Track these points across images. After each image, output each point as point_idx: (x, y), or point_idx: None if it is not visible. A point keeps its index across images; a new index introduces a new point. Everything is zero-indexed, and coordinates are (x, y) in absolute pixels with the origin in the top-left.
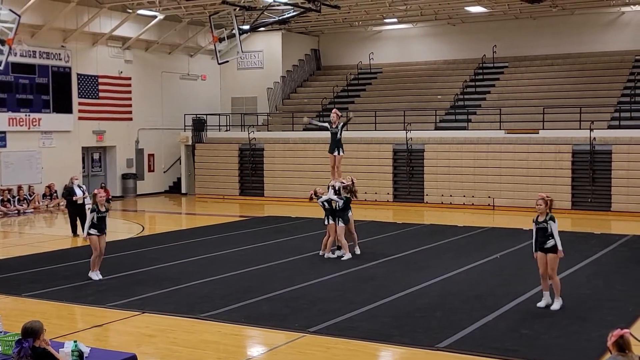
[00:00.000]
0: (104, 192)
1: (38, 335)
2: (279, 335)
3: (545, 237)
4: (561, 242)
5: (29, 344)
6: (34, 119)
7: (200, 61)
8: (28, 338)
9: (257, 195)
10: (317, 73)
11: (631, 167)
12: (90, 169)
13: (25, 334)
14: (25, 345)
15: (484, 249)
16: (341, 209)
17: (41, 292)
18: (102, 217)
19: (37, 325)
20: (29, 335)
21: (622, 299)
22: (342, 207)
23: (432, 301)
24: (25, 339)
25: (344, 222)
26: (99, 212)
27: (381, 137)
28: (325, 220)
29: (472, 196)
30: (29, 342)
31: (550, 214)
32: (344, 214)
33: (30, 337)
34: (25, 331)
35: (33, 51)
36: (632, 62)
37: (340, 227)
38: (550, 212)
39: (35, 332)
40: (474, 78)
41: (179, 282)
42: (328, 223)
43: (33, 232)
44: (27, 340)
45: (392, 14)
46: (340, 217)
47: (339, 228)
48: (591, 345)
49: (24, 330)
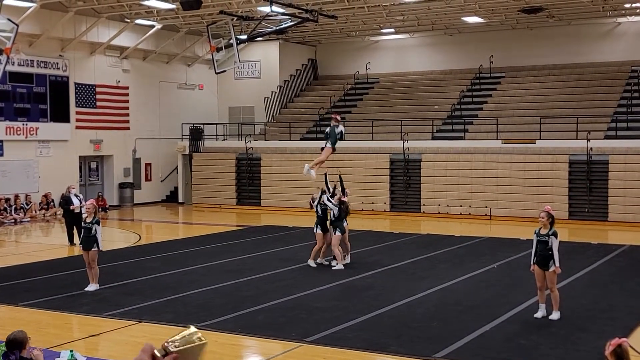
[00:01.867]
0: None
1: (24, 346)
2: (275, 345)
3: (545, 250)
4: (558, 252)
5: (15, 357)
6: (31, 128)
7: (197, 71)
8: (14, 350)
9: (253, 204)
10: (314, 83)
11: (628, 177)
12: (87, 178)
13: (11, 345)
14: (12, 358)
15: (481, 259)
16: (337, 217)
17: (37, 302)
18: (87, 228)
19: (21, 335)
20: (15, 346)
21: (619, 309)
22: (337, 216)
23: (429, 311)
24: (11, 351)
25: (340, 232)
26: (84, 221)
27: (378, 146)
28: (315, 228)
29: (469, 206)
30: (16, 355)
31: (554, 229)
32: (340, 223)
33: (16, 348)
34: (10, 343)
35: (31, 60)
36: (628, 72)
37: (337, 236)
38: (553, 227)
39: (20, 342)
40: (470, 88)
41: (175, 291)
42: (317, 232)
43: (30, 241)
44: (14, 353)
45: (389, 24)
46: (337, 226)
47: (335, 237)
48: (588, 355)
49: (9, 342)
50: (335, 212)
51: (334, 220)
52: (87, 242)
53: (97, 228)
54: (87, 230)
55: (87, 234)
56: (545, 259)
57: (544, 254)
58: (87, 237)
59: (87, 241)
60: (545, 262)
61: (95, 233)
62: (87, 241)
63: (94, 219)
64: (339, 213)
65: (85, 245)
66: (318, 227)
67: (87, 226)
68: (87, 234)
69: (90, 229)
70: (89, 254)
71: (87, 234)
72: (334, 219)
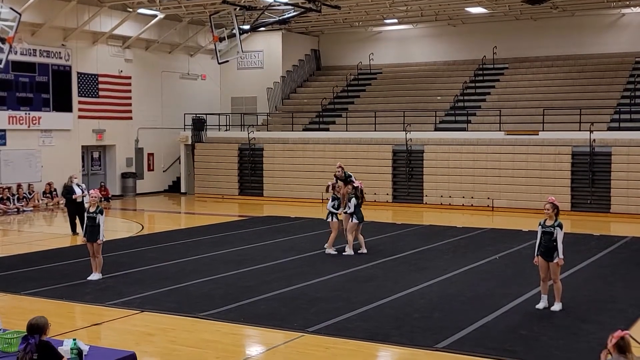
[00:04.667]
0: (95, 192)
1: (44, 331)
2: (277, 334)
3: (549, 241)
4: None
5: (35, 341)
6: (33, 118)
7: (200, 61)
8: (34, 334)
9: (256, 195)
10: (317, 73)
11: (631, 169)
12: (89, 167)
13: (31, 330)
14: (31, 341)
15: (482, 250)
16: (356, 205)
17: (40, 290)
18: (91, 217)
19: (43, 321)
20: (35, 331)
21: (621, 300)
22: (357, 205)
23: (431, 302)
24: (32, 335)
25: (358, 219)
26: (88, 211)
27: (381, 137)
28: (329, 217)
29: (472, 197)
30: (35, 339)
31: (559, 221)
32: (358, 211)
33: (36, 333)
34: (31, 327)
35: (33, 50)
36: (632, 63)
37: (353, 223)
38: (558, 219)
39: (40, 328)
40: (474, 79)
41: (178, 281)
42: (332, 220)
43: (32, 230)
44: (34, 337)
45: (393, 15)
46: (356, 214)
47: (351, 224)
48: (590, 346)
49: (30, 327)
50: (352, 207)
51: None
52: (92, 233)
53: (101, 218)
54: (91, 219)
55: (91, 223)
56: (550, 250)
57: (549, 245)
58: (91, 227)
59: (91, 232)
60: (550, 253)
61: (99, 223)
62: (91, 232)
63: (97, 209)
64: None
65: (90, 237)
66: (333, 216)
67: (92, 215)
68: (91, 223)
69: (94, 219)
70: (94, 246)
71: (91, 224)
72: (356, 207)
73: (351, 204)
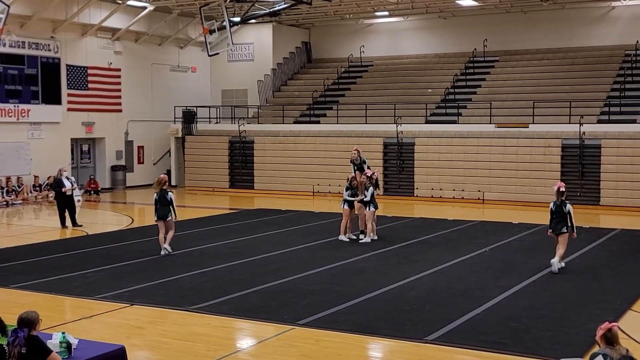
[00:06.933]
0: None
1: (34, 326)
2: (268, 327)
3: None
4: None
5: (24, 334)
6: (22, 110)
7: (190, 53)
8: (23, 328)
9: (247, 187)
10: (308, 66)
11: (620, 162)
12: (79, 160)
13: (21, 323)
14: (20, 334)
15: (473, 243)
16: (372, 194)
17: (30, 284)
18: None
19: (33, 315)
20: (25, 325)
21: (610, 292)
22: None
23: (422, 294)
24: (21, 328)
25: (375, 207)
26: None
27: (371, 130)
28: (342, 204)
29: (462, 190)
30: (24, 332)
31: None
32: (374, 199)
33: (25, 327)
34: (21, 321)
35: (22, 42)
36: (622, 56)
37: (371, 211)
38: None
39: (30, 322)
40: (464, 72)
41: (168, 274)
42: (344, 207)
43: (22, 223)
44: (22, 330)
45: (383, 7)
46: (371, 202)
47: (369, 212)
48: (579, 338)
49: (20, 320)
50: (368, 196)
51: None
52: (163, 211)
53: (172, 196)
54: (162, 198)
55: (163, 204)
56: (559, 223)
57: (559, 218)
58: (163, 206)
59: (162, 210)
60: (560, 226)
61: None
62: (162, 210)
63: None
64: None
65: (161, 215)
66: (345, 203)
67: (163, 194)
68: (163, 204)
69: (165, 198)
70: (166, 224)
71: (163, 203)
72: (372, 196)
73: (368, 192)
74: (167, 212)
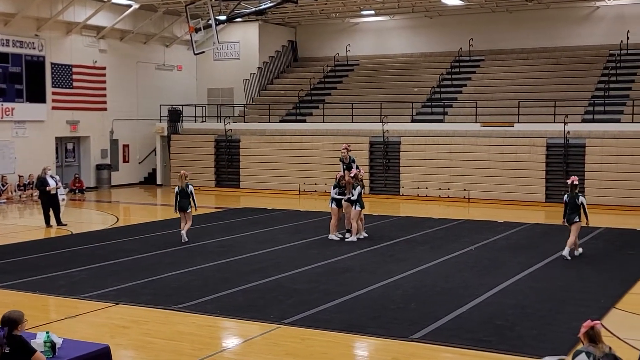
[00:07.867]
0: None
1: (17, 325)
2: (254, 326)
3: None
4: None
5: (4, 333)
6: (7, 109)
7: (176, 51)
8: (4, 327)
9: (232, 186)
10: (294, 65)
11: (604, 161)
12: (64, 159)
13: (3, 322)
14: (0, 333)
15: (459, 241)
16: (359, 193)
17: (14, 283)
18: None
19: (16, 314)
20: (6, 324)
21: (594, 290)
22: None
23: (407, 293)
24: (2, 327)
25: (360, 207)
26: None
27: (358, 129)
28: (330, 203)
29: (448, 189)
30: (4, 331)
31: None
32: (360, 199)
33: (6, 325)
34: (3, 320)
35: (6, 40)
36: (606, 56)
37: (356, 210)
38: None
39: (12, 321)
40: (450, 71)
41: (154, 273)
42: (332, 207)
43: (6, 222)
44: (2, 329)
45: (369, 6)
46: (358, 201)
47: (355, 212)
48: (564, 336)
49: (2, 319)
50: (355, 195)
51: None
52: (184, 204)
53: (192, 189)
54: (183, 192)
55: (183, 196)
56: (572, 214)
57: (573, 208)
58: (184, 199)
59: (183, 202)
60: (573, 216)
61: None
62: (183, 202)
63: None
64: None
65: (182, 206)
66: (333, 202)
67: (183, 189)
68: (183, 196)
69: (185, 191)
70: (186, 215)
71: (184, 197)
72: (358, 195)
73: (356, 192)
74: (187, 204)
